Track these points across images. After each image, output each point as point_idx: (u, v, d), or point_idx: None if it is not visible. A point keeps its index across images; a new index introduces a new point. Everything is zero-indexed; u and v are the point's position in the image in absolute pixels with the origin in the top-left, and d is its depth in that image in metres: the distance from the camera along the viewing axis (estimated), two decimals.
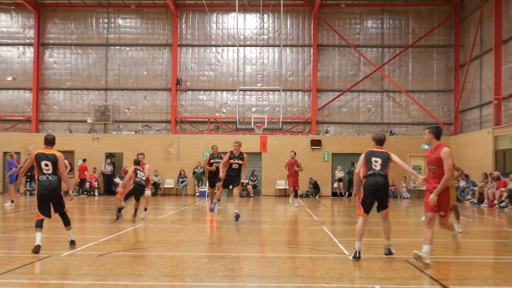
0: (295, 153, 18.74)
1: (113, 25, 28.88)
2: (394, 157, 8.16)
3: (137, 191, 13.40)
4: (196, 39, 28.63)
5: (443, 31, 27.99)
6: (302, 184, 26.78)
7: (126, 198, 13.28)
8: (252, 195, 26.38)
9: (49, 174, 8.50)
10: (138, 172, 13.49)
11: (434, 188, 7.39)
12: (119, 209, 13.13)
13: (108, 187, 27.07)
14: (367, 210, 8.05)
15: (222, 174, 13.63)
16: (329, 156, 26.84)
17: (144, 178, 13.59)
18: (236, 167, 13.67)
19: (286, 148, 26.86)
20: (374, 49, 28.24)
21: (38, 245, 8.16)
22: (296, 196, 18.93)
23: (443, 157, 7.37)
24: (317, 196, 26.35)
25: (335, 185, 26.76)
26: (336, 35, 28.09)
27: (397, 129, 27.93)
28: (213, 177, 15.83)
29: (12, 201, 18.48)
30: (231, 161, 13.76)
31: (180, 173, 27.16)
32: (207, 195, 19.70)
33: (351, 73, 28.17)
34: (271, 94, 28.15)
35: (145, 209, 14.17)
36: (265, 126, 25.22)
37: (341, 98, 28.10)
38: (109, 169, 26.99)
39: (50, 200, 8.57)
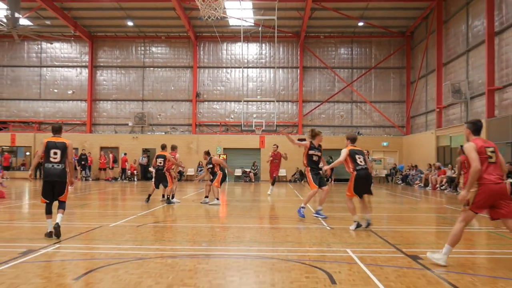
0: (277, 146, 17.21)
1: (148, 52, 28.85)
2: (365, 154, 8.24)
3: (159, 177, 12.66)
4: (210, 63, 28.60)
5: (398, 56, 27.96)
6: (290, 172, 26.87)
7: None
8: (253, 181, 26.39)
9: (55, 163, 6.98)
10: (158, 159, 12.68)
11: None
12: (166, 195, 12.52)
13: (144, 174, 27.09)
14: (360, 195, 7.99)
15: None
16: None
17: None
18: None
19: (279, 144, 26.83)
20: (345, 70, 28.20)
21: (50, 232, 6.82)
22: (273, 183, 16.41)
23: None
24: (302, 181, 26.31)
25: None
26: (317, 59, 28.06)
27: (363, 130, 27.90)
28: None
29: (71, 185, 18.45)
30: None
31: (199, 164, 27.11)
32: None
33: (328, 88, 28.14)
34: (268, 104, 28.12)
35: (206, 196, 12.89)
36: (263, 128, 25.27)
37: (321, 107, 28.08)
38: (144, 160, 26.97)
39: (54, 187, 6.99)
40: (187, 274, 4.92)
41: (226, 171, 13.04)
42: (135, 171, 26.94)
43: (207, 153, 13.04)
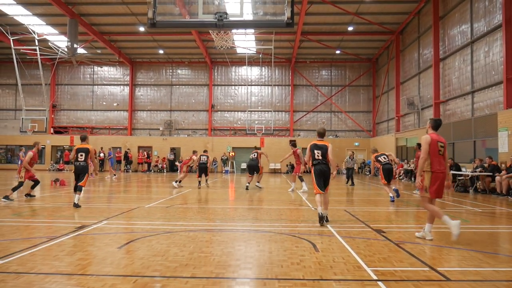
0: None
1: (174, 73, 28.81)
2: (329, 149, 6.60)
3: (202, 170, 13.92)
4: (223, 81, 28.55)
5: (366, 77, 27.86)
6: (283, 166, 26.80)
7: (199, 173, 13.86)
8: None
9: (81, 161, 8.16)
10: (202, 157, 14.02)
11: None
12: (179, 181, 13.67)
13: (171, 167, 27.08)
14: (321, 188, 6.44)
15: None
16: (300, 150, 26.71)
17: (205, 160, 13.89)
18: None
19: (275, 144, 26.85)
20: (326, 87, 28.11)
21: (75, 203, 7.94)
22: (302, 179, 13.93)
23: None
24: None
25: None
26: (304, 79, 27.98)
27: (339, 133, 27.82)
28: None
29: (115, 175, 18.48)
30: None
31: (214, 159, 27.10)
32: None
33: (313, 101, 28.05)
34: (266, 113, 28.07)
35: (258, 182, 13.63)
36: (263, 131, 25.19)
37: (307, 116, 27.98)
38: (172, 157, 26.96)
39: (78, 176, 8.17)
40: (205, 244, 4.92)
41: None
42: (164, 165, 26.93)
43: (294, 145, 12.91)
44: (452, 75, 16.61)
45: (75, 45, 18.48)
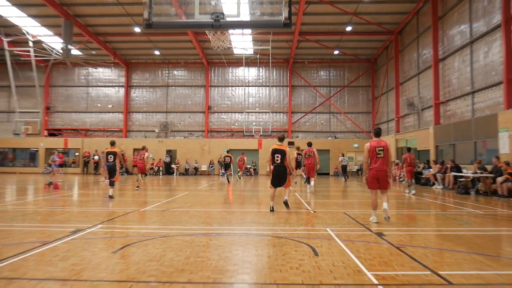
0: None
1: (171, 74, 28.79)
2: (287, 153, 7.95)
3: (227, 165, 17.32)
4: (219, 82, 28.55)
5: (365, 77, 27.94)
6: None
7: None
8: (253, 175, 26.25)
9: (110, 162, 10.48)
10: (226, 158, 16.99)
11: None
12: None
13: (167, 170, 27.01)
14: (274, 185, 8.12)
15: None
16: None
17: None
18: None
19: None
20: (324, 87, 28.17)
21: (110, 195, 10.35)
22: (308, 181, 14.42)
23: None
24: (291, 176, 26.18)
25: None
26: (302, 79, 28.03)
27: (339, 135, 27.85)
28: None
29: (106, 178, 18.35)
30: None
31: (210, 162, 27.06)
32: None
33: (311, 102, 28.09)
34: (264, 114, 28.08)
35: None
36: (261, 133, 25.20)
37: (306, 117, 28.02)
38: (167, 159, 26.89)
39: (110, 173, 10.50)
40: (201, 248, 4.89)
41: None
42: (160, 167, 26.85)
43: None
44: (452, 75, 16.68)
45: (69, 46, 18.43)
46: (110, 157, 10.67)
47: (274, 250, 4.79)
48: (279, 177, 8.04)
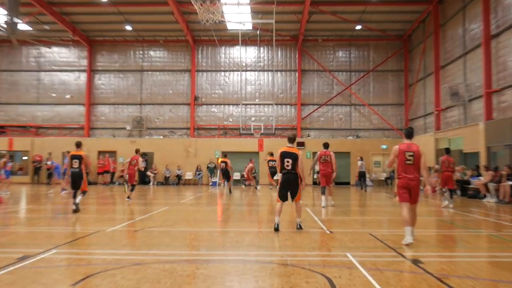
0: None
1: (146, 55, 28.81)
2: (300, 158, 8.14)
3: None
4: (209, 66, 28.58)
5: (396, 59, 27.97)
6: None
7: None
8: (252, 185, 26.17)
9: (75, 168, 10.87)
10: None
11: None
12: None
13: (142, 178, 26.98)
14: (282, 198, 8.23)
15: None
16: (310, 154, 26.74)
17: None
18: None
19: (277, 149, 26.77)
20: (343, 73, 28.20)
21: (73, 209, 10.76)
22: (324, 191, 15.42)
23: None
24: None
25: (315, 176, 26.54)
26: (315, 62, 28.06)
27: (362, 133, 27.87)
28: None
29: (65, 189, 18.36)
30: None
31: (197, 168, 27.07)
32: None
33: (327, 91, 28.12)
34: (266, 107, 28.09)
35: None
36: (262, 131, 25.12)
37: (319, 110, 28.05)
38: (143, 165, 26.73)
39: (75, 183, 10.99)
40: (185, 279, 4.86)
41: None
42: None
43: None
44: (508, 56, 16.68)
45: (15, 20, 18.42)
46: (75, 162, 10.81)
47: (279, 282, 4.76)
48: (289, 187, 8.17)
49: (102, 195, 17.82)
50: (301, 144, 26.60)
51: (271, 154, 19.44)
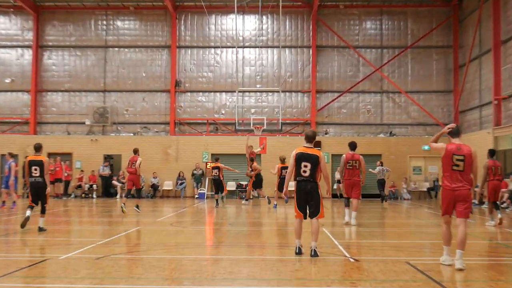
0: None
1: (111, 27, 28.82)
2: (322, 161, 8.21)
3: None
4: (194, 41, 28.57)
5: (442, 32, 27.95)
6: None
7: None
8: (251, 197, 26.15)
9: (37, 176, 11.19)
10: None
11: None
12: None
13: (106, 189, 26.98)
14: (303, 213, 8.27)
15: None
16: (329, 157, 26.71)
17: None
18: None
19: (285, 149, 26.74)
20: (373, 50, 28.20)
21: (27, 217, 11.19)
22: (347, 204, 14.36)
23: None
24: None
25: (335, 186, 26.54)
26: (335, 36, 28.05)
27: (397, 129, 27.86)
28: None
29: (14, 202, 18.37)
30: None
31: (179, 175, 27.03)
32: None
33: (350, 74, 28.12)
34: (270, 95, 28.07)
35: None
36: (264, 127, 25.09)
37: (341, 99, 28.04)
38: (107, 171, 26.86)
39: (37, 195, 11.32)
40: None
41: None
42: (94, 185, 26.83)
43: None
44: None
45: None
46: (36, 170, 11.18)
47: None
48: (307, 200, 8.20)
49: (54, 212, 17.82)
50: (316, 145, 26.40)
51: (283, 161, 19.30)
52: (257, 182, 20.85)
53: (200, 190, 26.64)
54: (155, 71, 28.57)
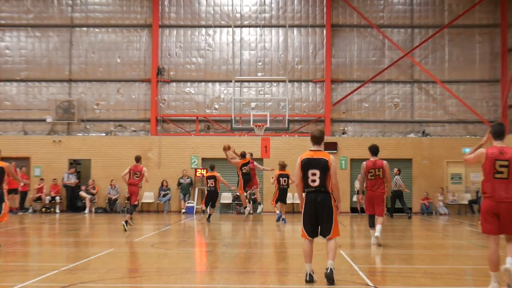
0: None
1: (79, 1, 28.76)
2: (332, 166, 8.19)
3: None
4: (181, 19, 28.54)
5: (487, 8, 27.90)
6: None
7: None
8: (251, 212, 26.10)
9: None
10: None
11: None
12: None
13: (73, 202, 26.91)
14: (310, 233, 8.26)
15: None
16: (347, 162, 26.70)
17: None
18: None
19: (293, 152, 26.75)
20: (401, 30, 28.17)
21: None
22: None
23: None
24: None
25: (355, 198, 26.50)
26: (354, 13, 28.04)
27: (431, 128, 27.81)
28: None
29: None
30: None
31: (162, 185, 26.96)
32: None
33: (374, 60, 28.08)
34: (275, 86, 28.03)
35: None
36: (268, 125, 25.14)
37: (362, 91, 28.01)
38: (73, 179, 26.80)
39: None
40: None
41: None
42: (57, 197, 26.78)
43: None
44: None
45: None
46: None
47: None
48: (317, 214, 8.21)
49: (8, 230, 17.85)
50: (331, 147, 26.48)
51: (283, 167, 19.37)
52: (245, 182, 20.88)
53: (188, 203, 26.60)
54: (133, 56, 28.54)
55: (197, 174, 26.70)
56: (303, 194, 8.30)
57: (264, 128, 25.14)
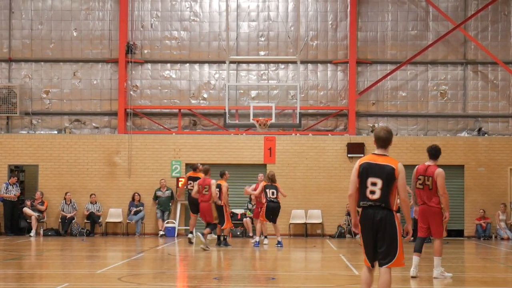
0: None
1: None
2: (400, 175, 7.95)
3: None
4: None
5: None
6: (338, 217, 26.63)
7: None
8: (251, 234, 26.16)
9: None
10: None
11: None
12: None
13: (14, 221, 26.90)
14: (371, 259, 8.05)
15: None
16: None
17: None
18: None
19: (306, 156, 26.79)
20: None
21: None
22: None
23: None
24: (358, 236, 26.20)
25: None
26: None
27: (489, 125, 27.88)
28: None
29: None
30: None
31: (133, 199, 26.99)
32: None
33: (414, 35, 28.16)
34: (282, 69, 28.12)
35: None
36: (273, 120, 25.16)
37: (397, 75, 28.08)
38: (14, 192, 26.82)
39: None
40: None
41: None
42: None
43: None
44: None
45: None
46: None
47: None
48: (378, 234, 7.98)
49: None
50: (357, 149, 26.45)
51: (271, 179, 19.86)
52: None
53: (167, 223, 26.59)
54: (94, 28, 28.62)
55: (179, 185, 26.56)
56: (359, 210, 8.11)
57: (269, 124, 25.14)
